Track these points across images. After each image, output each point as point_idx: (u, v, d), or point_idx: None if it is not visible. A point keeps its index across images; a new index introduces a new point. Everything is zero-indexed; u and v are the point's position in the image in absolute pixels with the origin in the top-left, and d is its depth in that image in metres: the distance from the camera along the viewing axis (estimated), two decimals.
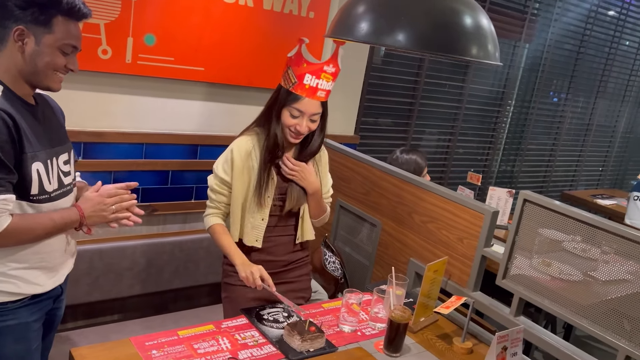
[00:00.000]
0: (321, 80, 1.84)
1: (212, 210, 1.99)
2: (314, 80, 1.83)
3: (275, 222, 2.00)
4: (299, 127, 1.88)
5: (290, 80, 1.85)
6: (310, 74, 1.83)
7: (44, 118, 1.52)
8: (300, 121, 1.87)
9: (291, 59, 1.86)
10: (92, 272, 2.32)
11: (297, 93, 1.85)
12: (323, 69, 1.84)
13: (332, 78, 1.88)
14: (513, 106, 4.51)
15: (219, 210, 1.99)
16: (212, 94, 2.59)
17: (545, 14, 4.33)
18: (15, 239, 1.40)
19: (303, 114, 1.86)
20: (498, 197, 3.24)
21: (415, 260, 2.25)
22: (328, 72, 1.85)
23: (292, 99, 1.86)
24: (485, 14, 1.40)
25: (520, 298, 1.89)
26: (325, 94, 1.88)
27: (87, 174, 2.26)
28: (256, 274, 1.81)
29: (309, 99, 1.85)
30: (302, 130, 1.88)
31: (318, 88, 1.85)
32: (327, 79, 1.85)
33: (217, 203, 1.98)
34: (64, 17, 1.38)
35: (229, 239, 1.95)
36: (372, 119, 3.55)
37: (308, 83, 1.83)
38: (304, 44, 1.85)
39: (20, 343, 1.52)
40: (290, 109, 1.87)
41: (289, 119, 1.88)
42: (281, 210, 1.99)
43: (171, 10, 2.31)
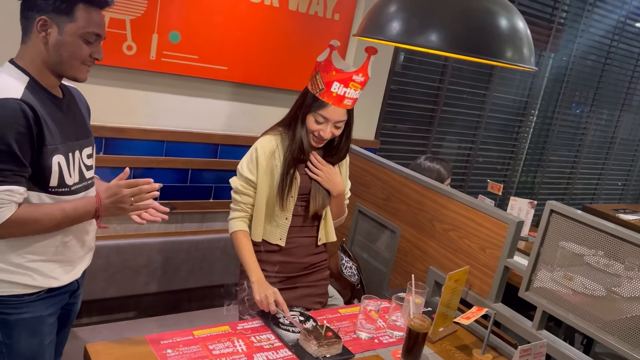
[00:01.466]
0: (349, 89, 1.81)
1: (237, 214, 1.95)
2: (341, 88, 1.80)
3: (298, 223, 1.98)
4: (322, 132, 1.86)
5: (318, 86, 1.82)
6: (338, 82, 1.79)
7: (69, 111, 1.51)
8: (324, 127, 1.85)
9: (320, 65, 1.83)
10: (108, 268, 2.31)
11: (323, 100, 1.82)
12: (352, 78, 1.80)
13: (361, 87, 1.84)
14: (536, 116, 4.44)
15: (245, 213, 1.95)
16: (234, 94, 2.58)
17: (573, 24, 4.26)
18: (20, 229, 1.38)
19: (328, 121, 1.84)
20: (519, 208, 3.18)
21: (435, 269, 2.21)
22: (357, 82, 1.81)
23: (318, 105, 1.83)
24: (522, 16, 1.36)
25: (544, 311, 1.84)
26: (352, 102, 1.86)
27: (106, 169, 2.26)
28: (271, 298, 1.76)
29: (334, 107, 1.82)
30: (325, 136, 1.86)
31: (345, 97, 1.82)
32: (355, 87, 1.82)
33: (242, 205, 1.95)
34: (86, 5, 1.37)
35: (249, 250, 1.91)
36: (392, 124, 3.51)
37: (335, 91, 1.80)
38: (335, 50, 1.81)
39: (34, 336, 1.51)
40: (315, 115, 1.84)
41: (314, 124, 1.86)
42: (305, 211, 1.96)
43: (197, 8, 2.30)
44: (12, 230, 1.36)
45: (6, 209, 1.33)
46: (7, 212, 1.33)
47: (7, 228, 1.34)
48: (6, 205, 1.33)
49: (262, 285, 1.82)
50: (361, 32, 1.47)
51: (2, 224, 1.33)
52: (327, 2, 2.65)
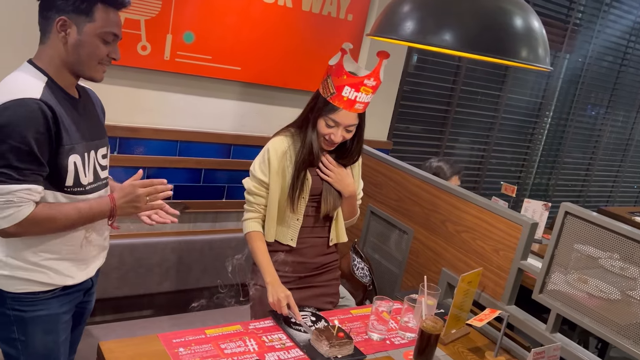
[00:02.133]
0: (360, 94, 1.79)
1: (250, 215, 1.96)
2: (352, 93, 1.78)
3: (309, 223, 1.97)
4: (333, 136, 1.85)
5: (329, 90, 1.81)
6: (349, 86, 1.78)
7: (85, 111, 1.52)
8: (335, 131, 1.85)
9: (332, 68, 1.81)
10: (122, 266, 2.33)
11: (334, 104, 1.81)
12: (364, 82, 1.78)
13: (372, 91, 1.82)
14: (551, 117, 4.40)
15: (258, 214, 1.96)
16: (247, 94, 2.59)
17: (588, 25, 4.22)
18: (37, 227, 1.40)
19: (339, 125, 1.84)
20: (533, 210, 3.15)
21: (447, 270, 2.19)
22: (368, 86, 1.79)
23: (329, 110, 1.82)
24: (537, 15, 1.35)
25: (558, 314, 1.82)
26: (363, 106, 1.84)
27: (120, 168, 2.28)
28: (283, 302, 1.77)
29: (345, 111, 1.81)
30: (336, 140, 1.86)
31: (357, 101, 1.80)
32: (366, 92, 1.80)
33: (256, 206, 1.95)
34: (104, 5, 1.39)
35: (264, 251, 1.92)
36: (405, 125, 3.50)
37: (347, 95, 1.79)
38: (346, 54, 1.80)
39: (49, 334, 1.53)
40: (326, 119, 1.84)
41: (324, 128, 1.85)
42: (317, 212, 1.96)
43: (211, 9, 2.32)
44: (30, 229, 1.38)
45: (25, 208, 1.35)
46: (26, 210, 1.35)
47: (24, 226, 1.36)
48: (25, 204, 1.34)
49: (275, 287, 1.82)
50: (374, 31, 1.47)
51: (20, 222, 1.35)
52: (340, 2, 2.65)
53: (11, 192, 1.32)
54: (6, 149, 1.30)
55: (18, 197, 1.33)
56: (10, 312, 1.47)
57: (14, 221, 1.34)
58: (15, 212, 1.33)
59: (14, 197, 1.32)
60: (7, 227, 1.35)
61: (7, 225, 1.34)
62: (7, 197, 1.32)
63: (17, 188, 1.32)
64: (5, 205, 1.32)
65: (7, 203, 1.32)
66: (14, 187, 1.32)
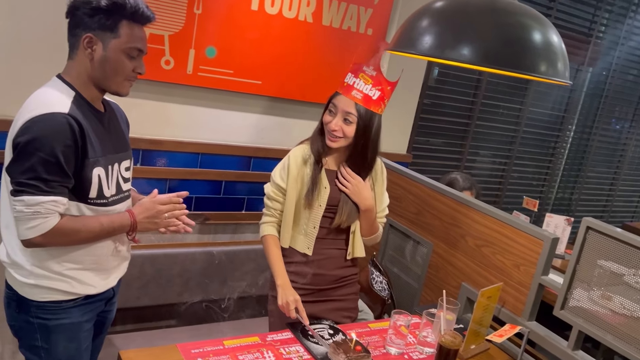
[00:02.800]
0: (358, 80, 1.84)
1: (267, 219, 1.99)
2: (351, 78, 1.85)
3: (326, 234, 1.98)
4: (332, 124, 1.86)
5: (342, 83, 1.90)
6: (350, 72, 1.85)
7: (110, 125, 1.56)
8: (332, 118, 1.87)
9: None
10: (142, 277, 2.36)
11: (337, 91, 1.88)
12: (362, 68, 1.84)
13: (372, 82, 1.84)
14: (573, 131, 4.35)
15: (275, 219, 1.99)
16: (268, 107, 2.62)
17: (611, 38, 4.17)
18: (61, 239, 1.43)
19: (337, 110, 1.86)
20: (555, 225, 3.11)
21: (467, 285, 2.17)
22: (367, 74, 1.83)
23: (332, 97, 1.89)
24: (556, 30, 1.34)
25: (580, 331, 1.79)
26: (361, 95, 1.83)
27: (142, 180, 2.32)
28: (292, 306, 1.80)
29: (343, 96, 1.85)
30: (332, 126, 1.86)
31: (354, 87, 1.84)
32: (365, 80, 1.83)
33: (272, 210, 1.98)
34: (129, 21, 1.43)
35: (277, 254, 1.94)
36: (426, 138, 3.50)
37: (347, 81, 1.86)
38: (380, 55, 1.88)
39: (71, 342, 1.56)
40: (329, 106, 1.90)
41: (327, 116, 1.90)
42: (331, 223, 1.96)
43: (233, 24, 2.36)
44: (54, 240, 1.42)
45: (51, 219, 1.38)
46: (52, 221, 1.38)
47: (49, 237, 1.40)
48: (51, 215, 1.38)
49: (285, 290, 1.85)
50: (393, 46, 1.48)
51: (45, 233, 1.38)
52: (360, 17, 2.67)
53: (39, 204, 1.35)
54: (35, 161, 1.34)
55: (45, 209, 1.36)
56: (34, 320, 1.50)
57: (40, 232, 1.38)
58: (41, 223, 1.37)
59: (41, 208, 1.36)
60: (33, 237, 1.38)
61: (33, 235, 1.38)
62: (34, 208, 1.35)
63: (45, 199, 1.36)
64: (33, 216, 1.36)
65: (34, 214, 1.36)
66: (42, 199, 1.36)
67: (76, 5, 1.40)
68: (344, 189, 1.95)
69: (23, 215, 1.36)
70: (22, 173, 1.35)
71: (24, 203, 1.35)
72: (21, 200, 1.35)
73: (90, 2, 1.38)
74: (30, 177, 1.35)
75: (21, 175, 1.35)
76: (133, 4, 1.41)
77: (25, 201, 1.35)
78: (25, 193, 1.35)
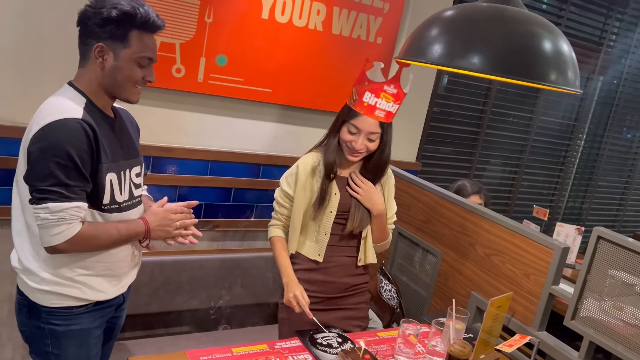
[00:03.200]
0: (380, 100, 1.83)
1: (274, 222, 2.04)
2: (372, 98, 1.83)
3: (337, 241, 1.98)
4: (354, 143, 1.87)
5: (353, 97, 1.87)
6: (369, 91, 1.83)
7: (121, 131, 1.58)
8: (356, 138, 1.87)
9: (357, 78, 1.88)
10: (152, 283, 2.37)
11: (356, 110, 1.85)
12: (383, 88, 1.82)
13: (393, 99, 1.84)
14: (584, 140, 4.33)
15: (281, 222, 2.03)
16: (278, 115, 2.63)
17: (622, 46, 4.16)
18: (83, 245, 1.45)
19: (360, 131, 1.86)
20: (566, 234, 3.08)
21: (476, 294, 2.16)
22: (388, 92, 1.83)
23: (352, 115, 1.87)
24: (566, 38, 1.34)
25: (591, 342, 1.77)
26: (384, 114, 1.85)
27: (153, 187, 2.34)
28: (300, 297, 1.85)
29: (366, 117, 1.84)
30: (356, 147, 1.87)
31: (376, 107, 1.83)
32: (387, 99, 1.83)
33: (279, 215, 2.02)
34: (139, 30, 1.44)
35: (284, 255, 1.98)
36: (435, 146, 3.49)
37: (367, 101, 1.83)
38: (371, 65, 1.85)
39: (81, 348, 1.57)
40: (348, 125, 1.88)
41: (347, 134, 1.89)
42: (344, 229, 1.97)
43: (243, 33, 2.38)
44: (77, 246, 1.43)
45: (75, 225, 1.40)
46: (76, 227, 1.40)
47: (73, 243, 1.41)
48: (75, 221, 1.40)
49: (291, 286, 1.89)
50: (403, 55, 1.48)
51: (70, 239, 1.39)
52: (370, 26, 2.68)
53: (63, 210, 1.37)
54: (54, 168, 1.35)
55: (69, 215, 1.38)
56: (45, 326, 1.51)
57: (64, 238, 1.39)
58: (66, 229, 1.38)
59: (66, 214, 1.37)
60: (58, 243, 1.39)
61: (58, 242, 1.39)
62: (59, 214, 1.36)
63: (69, 206, 1.37)
64: (57, 222, 1.37)
65: (59, 220, 1.37)
66: (66, 205, 1.37)
67: (87, 15, 1.41)
68: (355, 195, 1.95)
69: (48, 223, 1.37)
70: (42, 180, 1.36)
71: (48, 210, 1.36)
72: (45, 208, 1.36)
73: (101, 13, 1.39)
74: (52, 184, 1.36)
75: (41, 183, 1.36)
76: (143, 13, 1.42)
77: (49, 208, 1.36)
78: (48, 200, 1.36)
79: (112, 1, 1.40)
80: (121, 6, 1.40)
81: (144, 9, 1.43)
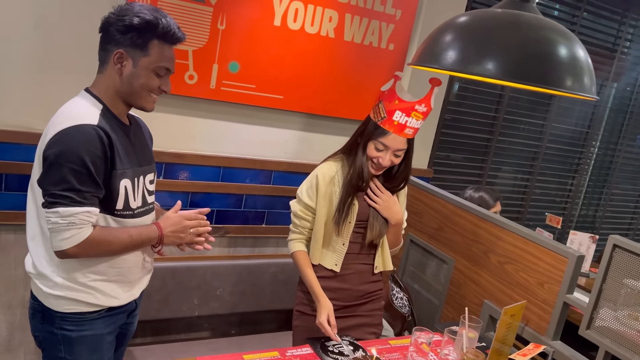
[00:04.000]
0: (411, 119, 1.81)
1: (295, 236, 2.00)
2: (403, 117, 1.81)
3: (355, 250, 1.97)
4: (381, 160, 1.86)
5: (380, 114, 1.84)
6: (400, 110, 1.81)
7: (136, 138, 1.59)
8: (383, 155, 1.86)
9: (383, 94, 1.85)
10: (163, 289, 2.37)
11: (384, 128, 1.83)
12: (414, 107, 1.81)
13: (423, 117, 1.84)
14: (597, 147, 4.29)
15: (303, 236, 1.99)
16: (289, 122, 2.63)
17: (636, 53, 4.12)
18: (94, 250, 1.45)
19: (387, 149, 1.85)
20: (579, 242, 3.05)
21: (489, 303, 2.14)
22: (419, 112, 1.82)
23: (379, 133, 1.84)
24: (582, 44, 1.33)
25: (606, 351, 1.74)
26: (413, 131, 1.86)
27: (165, 193, 2.35)
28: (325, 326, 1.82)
29: (395, 135, 1.83)
30: (384, 163, 1.87)
31: (407, 126, 1.82)
32: (417, 117, 1.82)
33: (300, 229, 1.98)
34: (160, 40, 1.46)
35: (311, 273, 1.95)
36: (446, 153, 3.48)
37: (397, 120, 1.81)
38: (399, 80, 1.83)
39: (94, 353, 1.57)
40: (375, 142, 1.86)
41: (373, 151, 1.87)
42: (362, 238, 1.96)
43: (255, 40, 2.39)
44: (87, 251, 1.44)
45: (85, 230, 1.40)
46: (86, 232, 1.41)
47: (83, 248, 1.42)
48: (85, 226, 1.40)
49: (319, 309, 1.86)
50: (416, 61, 1.48)
51: (79, 243, 1.40)
52: (382, 32, 2.68)
53: (73, 215, 1.37)
54: (67, 173, 1.36)
55: (79, 219, 1.38)
56: (58, 332, 1.52)
57: (74, 243, 1.39)
58: (76, 233, 1.39)
59: (76, 219, 1.38)
60: (68, 248, 1.40)
61: (68, 246, 1.40)
62: (69, 219, 1.37)
63: (79, 210, 1.38)
64: (67, 227, 1.38)
65: (69, 225, 1.38)
66: (76, 210, 1.38)
67: (110, 21, 1.43)
68: (374, 205, 1.94)
69: (58, 227, 1.38)
70: (54, 185, 1.37)
71: (58, 214, 1.37)
72: (55, 212, 1.37)
73: (124, 20, 1.41)
74: (63, 189, 1.37)
75: (54, 187, 1.37)
76: (165, 24, 1.44)
77: (60, 212, 1.37)
78: (59, 204, 1.37)
79: (135, 10, 1.42)
80: (144, 15, 1.42)
81: (166, 20, 1.45)
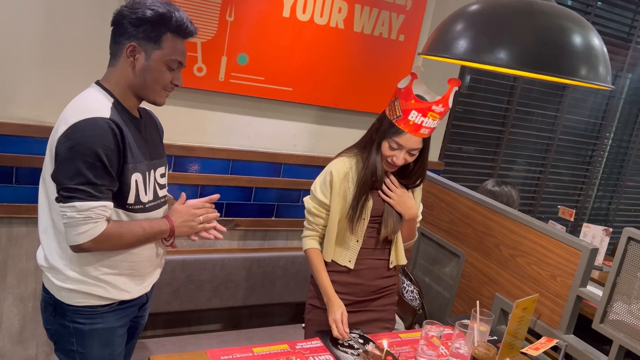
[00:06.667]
0: (427, 119, 1.77)
1: (309, 233, 1.97)
2: (419, 117, 1.77)
3: (370, 245, 1.95)
4: (395, 158, 1.83)
5: (396, 112, 1.80)
6: (417, 110, 1.76)
7: (146, 132, 1.58)
8: (398, 153, 1.83)
9: (400, 91, 1.80)
10: (173, 282, 2.37)
11: (399, 127, 1.79)
12: (432, 108, 1.76)
13: (439, 117, 1.80)
14: (611, 139, 4.23)
15: (317, 233, 1.97)
16: (299, 114, 2.61)
17: None
18: (108, 244, 1.45)
19: (402, 148, 1.82)
20: (593, 235, 3.02)
21: (501, 296, 2.12)
22: (436, 112, 1.77)
23: (394, 132, 1.81)
24: (597, 32, 1.29)
25: (620, 346, 1.72)
26: (428, 131, 1.81)
27: (175, 186, 2.35)
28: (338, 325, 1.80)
29: (410, 135, 1.80)
30: (397, 162, 1.84)
31: (422, 126, 1.78)
32: (433, 117, 1.78)
33: (314, 225, 1.96)
34: (173, 34, 1.45)
35: (323, 271, 1.92)
36: (458, 146, 3.45)
37: (413, 119, 1.77)
38: (417, 79, 1.79)
39: (106, 347, 1.57)
40: (390, 141, 1.83)
41: (387, 149, 1.84)
42: (377, 233, 1.94)
43: (264, 31, 2.37)
44: (101, 245, 1.43)
45: (100, 224, 1.40)
46: (101, 226, 1.41)
47: (99, 242, 1.41)
48: (100, 220, 1.40)
49: (331, 308, 1.84)
50: (427, 50, 1.46)
51: (95, 238, 1.40)
52: (392, 23, 2.65)
53: (90, 209, 1.37)
54: (81, 166, 1.36)
55: (96, 214, 1.38)
56: (70, 325, 1.52)
57: (90, 237, 1.39)
58: (92, 228, 1.39)
59: (92, 213, 1.38)
60: (84, 242, 1.40)
61: (84, 240, 1.40)
62: (86, 213, 1.37)
63: (95, 205, 1.38)
64: (84, 221, 1.38)
65: (85, 219, 1.38)
66: (92, 204, 1.37)
67: (123, 14, 1.43)
68: (388, 200, 1.92)
69: (74, 221, 1.38)
70: (70, 179, 1.37)
71: (75, 209, 1.37)
72: (72, 207, 1.37)
73: (137, 12, 1.41)
74: (80, 182, 1.36)
75: (69, 181, 1.37)
76: (178, 17, 1.44)
77: (77, 207, 1.36)
78: (76, 199, 1.36)
79: (148, 3, 1.42)
80: (157, 8, 1.41)
81: (179, 13, 1.44)
